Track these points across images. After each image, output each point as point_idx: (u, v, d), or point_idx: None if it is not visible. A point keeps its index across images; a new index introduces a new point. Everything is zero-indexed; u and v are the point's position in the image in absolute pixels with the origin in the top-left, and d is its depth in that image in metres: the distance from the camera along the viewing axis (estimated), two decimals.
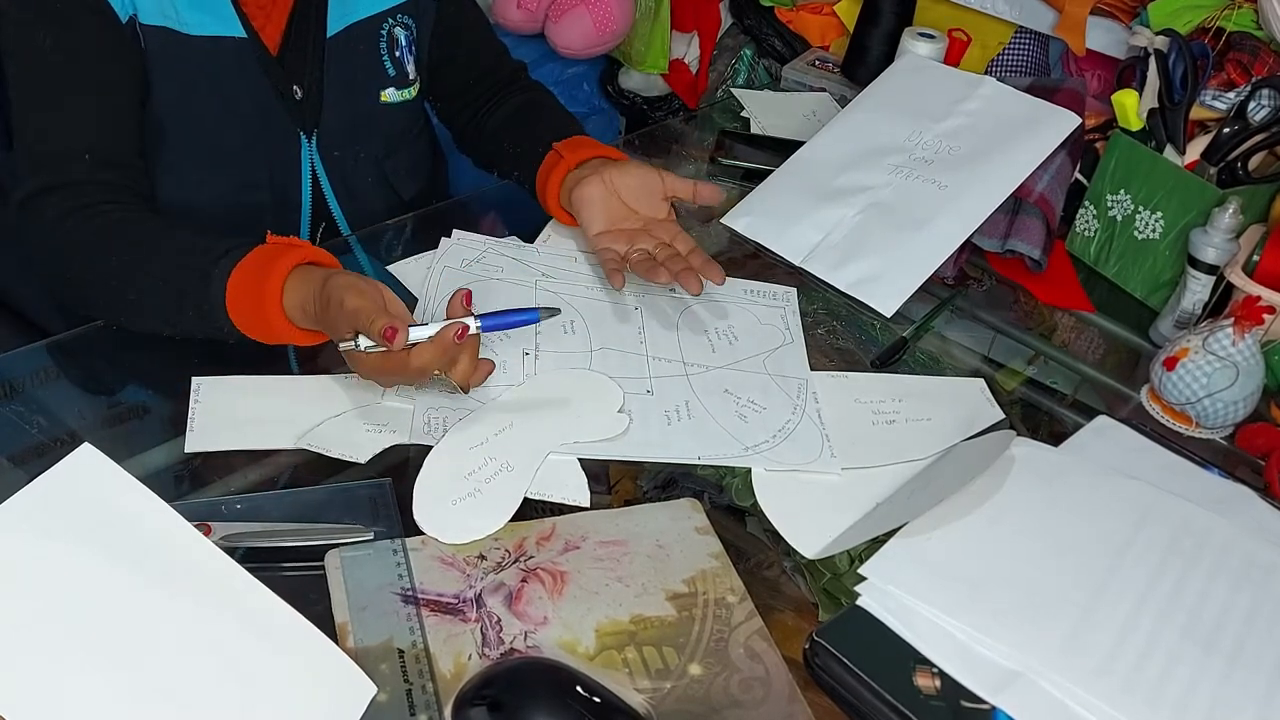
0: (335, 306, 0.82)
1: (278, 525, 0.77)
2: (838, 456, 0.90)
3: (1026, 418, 1.01)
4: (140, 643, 0.61)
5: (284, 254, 0.86)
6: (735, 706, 0.69)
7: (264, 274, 0.85)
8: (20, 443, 0.84)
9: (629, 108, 1.89)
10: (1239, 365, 0.93)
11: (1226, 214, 1.03)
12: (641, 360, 0.98)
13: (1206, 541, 0.79)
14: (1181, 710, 0.67)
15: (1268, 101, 1.09)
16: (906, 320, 1.09)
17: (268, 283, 0.85)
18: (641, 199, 1.06)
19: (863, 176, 1.19)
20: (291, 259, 0.86)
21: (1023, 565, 0.75)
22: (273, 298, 0.85)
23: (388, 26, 1.12)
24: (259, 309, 0.85)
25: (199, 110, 1.03)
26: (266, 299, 0.85)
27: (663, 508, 0.83)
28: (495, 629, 0.72)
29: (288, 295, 0.85)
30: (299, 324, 0.86)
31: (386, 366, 0.83)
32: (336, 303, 0.82)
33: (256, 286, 0.85)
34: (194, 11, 1.00)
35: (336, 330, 0.83)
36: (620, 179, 1.05)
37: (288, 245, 0.88)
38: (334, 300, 0.82)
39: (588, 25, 1.71)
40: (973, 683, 0.68)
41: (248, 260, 0.87)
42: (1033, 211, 1.14)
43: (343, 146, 1.13)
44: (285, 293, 0.85)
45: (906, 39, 1.38)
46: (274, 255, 0.86)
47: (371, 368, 0.84)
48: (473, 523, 0.79)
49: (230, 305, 0.86)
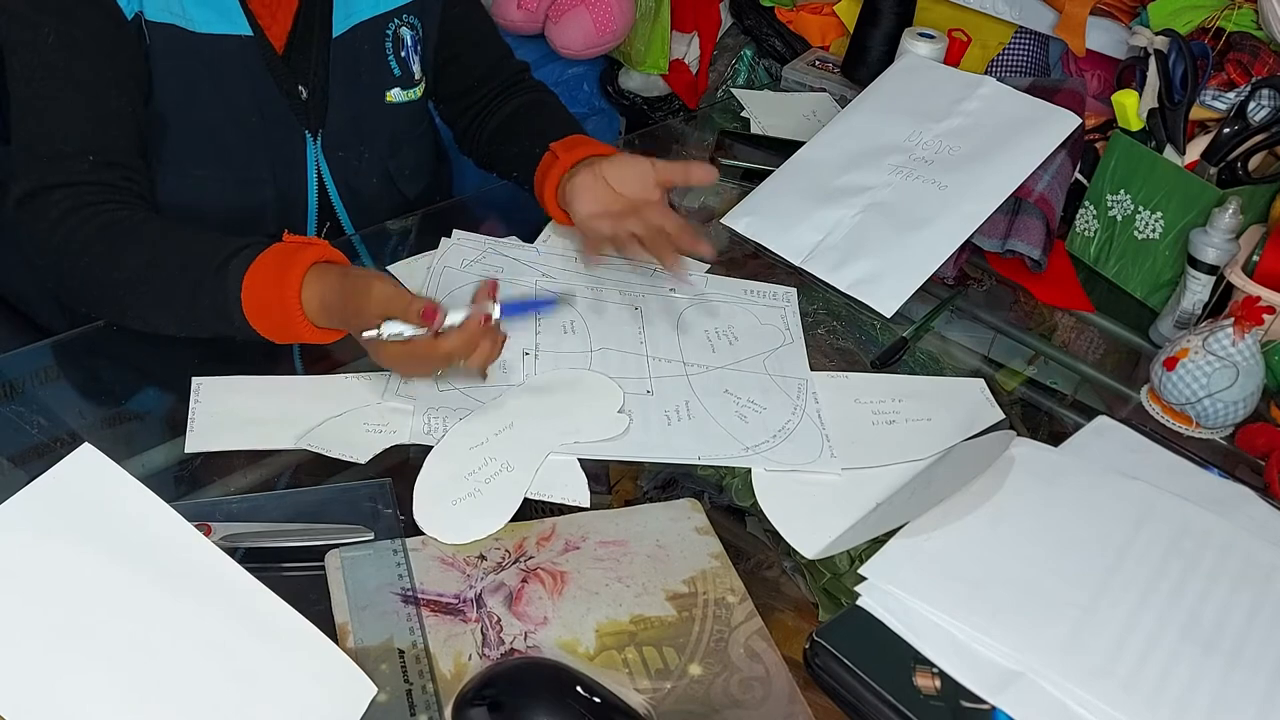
0: (361, 295, 0.83)
1: (278, 525, 0.77)
2: (838, 456, 0.90)
3: (1026, 418, 1.01)
4: (140, 643, 0.61)
5: (304, 250, 0.88)
6: (735, 706, 0.69)
7: (284, 267, 0.86)
8: (20, 443, 0.84)
9: (629, 108, 1.88)
10: (1239, 365, 0.93)
11: (1226, 214, 1.03)
12: (641, 360, 0.98)
13: (1206, 542, 0.79)
14: (1181, 710, 0.67)
15: (1268, 101, 1.09)
16: (906, 320, 1.09)
17: (288, 275, 0.86)
18: (630, 184, 1.05)
19: (863, 177, 1.19)
20: (311, 255, 0.87)
21: (1023, 565, 0.75)
22: (292, 290, 0.85)
23: (393, 26, 1.12)
24: (278, 301, 0.86)
25: (203, 108, 1.03)
26: (286, 291, 0.85)
27: (663, 508, 0.83)
28: (495, 629, 0.72)
29: (307, 288, 0.86)
30: (315, 319, 0.87)
31: (412, 353, 0.84)
32: (363, 290, 0.83)
33: (276, 279, 0.86)
34: (200, 9, 0.99)
35: (361, 318, 0.84)
36: (609, 168, 1.05)
37: (307, 243, 0.89)
38: (359, 289, 0.83)
39: (588, 25, 1.71)
40: (973, 683, 0.68)
41: (266, 255, 0.88)
42: (1033, 211, 1.15)
43: (347, 146, 1.13)
44: (305, 286, 0.86)
45: (906, 39, 1.38)
46: (294, 250, 0.88)
47: (394, 356, 0.84)
48: (473, 523, 0.79)
49: (246, 298, 0.87)
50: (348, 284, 0.85)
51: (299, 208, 1.12)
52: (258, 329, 0.88)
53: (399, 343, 0.83)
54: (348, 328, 0.87)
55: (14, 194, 0.95)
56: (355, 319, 0.85)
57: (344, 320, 0.86)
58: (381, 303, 0.82)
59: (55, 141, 0.94)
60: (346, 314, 0.85)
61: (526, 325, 0.99)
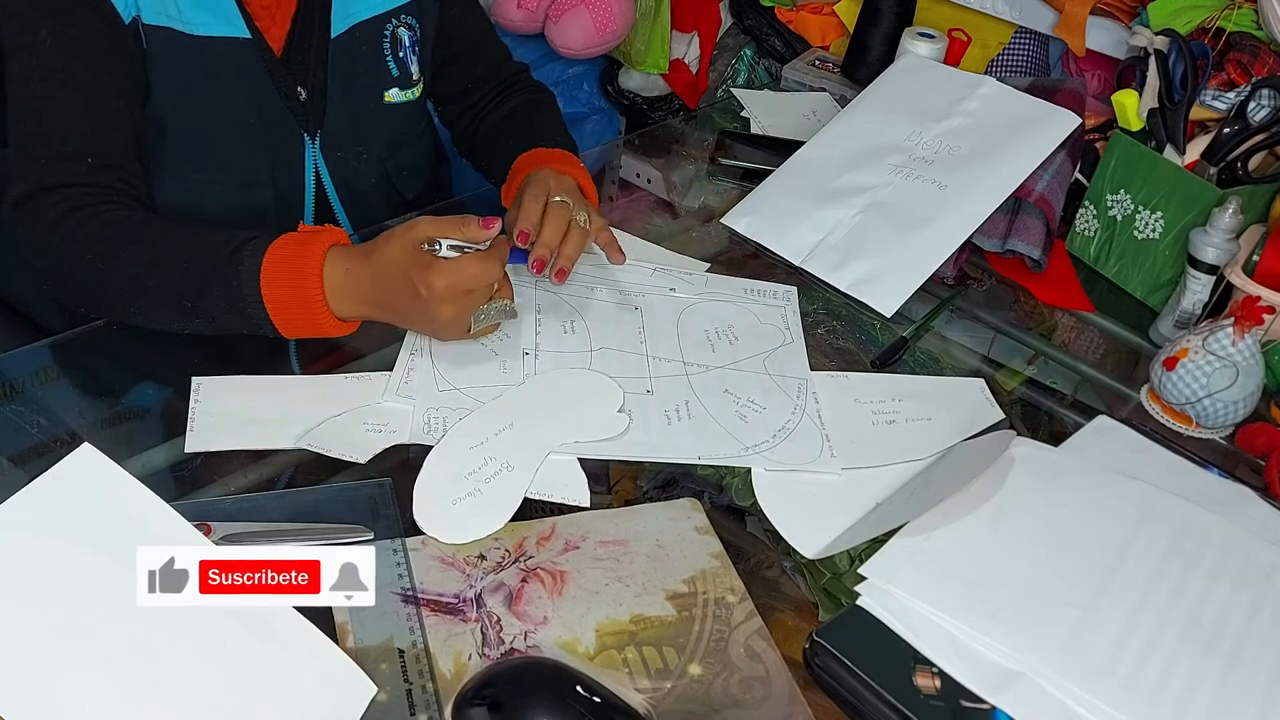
0: (401, 232, 0.87)
1: (277, 525, 0.77)
2: (838, 456, 0.90)
3: (1026, 418, 1.01)
4: (140, 643, 0.61)
5: (321, 233, 0.90)
6: (735, 706, 0.69)
7: (303, 246, 0.88)
8: (20, 443, 0.84)
9: (629, 108, 1.88)
10: (1239, 365, 0.93)
11: (1226, 214, 1.03)
12: (641, 360, 0.98)
13: (1206, 542, 0.79)
14: (1181, 710, 0.67)
15: (1268, 101, 1.09)
16: (906, 320, 1.09)
17: (308, 253, 0.88)
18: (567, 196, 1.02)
19: (863, 176, 1.19)
20: (330, 237, 0.89)
21: (1023, 565, 0.75)
22: (313, 268, 0.87)
23: (391, 27, 1.12)
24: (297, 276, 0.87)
25: (201, 111, 1.03)
26: (306, 269, 0.87)
27: (663, 508, 0.83)
28: (495, 629, 0.72)
29: (329, 262, 0.88)
30: (336, 299, 0.88)
31: (467, 268, 0.87)
32: (403, 230, 0.87)
33: (296, 258, 0.88)
34: (197, 12, 1.00)
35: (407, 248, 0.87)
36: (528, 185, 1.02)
37: (322, 229, 0.91)
38: (397, 232, 0.87)
39: (588, 25, 1.71)
40: (973, 683, 0.68)
41: (283, 238, 0.89)
42: (1033, 211, 1.15)
43: (346, 147, 1.13)
44: (327, 260, 0.88)
45: (906, 39, 1.38)
46: (311, 234, 0.90)
47: (450, 275, 0.86)
48: (473, 523, 0.79)
49: (265, 280, 0.87)
50: (375, 242, 0.88)
51: (297, 209, 1.12)
52: (272, 314, 0.88)
53: (456, 261, 0.86)
54: (377, 290, 0.88)
55: (11, 195, 0.95)
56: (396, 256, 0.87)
57: (373, 278, 0.88)
58: (431, 225, 0.87)
59: (53, 143, 0.94)
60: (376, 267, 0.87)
61: (527, 325, 0.99)
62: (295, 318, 0.88)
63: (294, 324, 0.89)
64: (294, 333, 0.90)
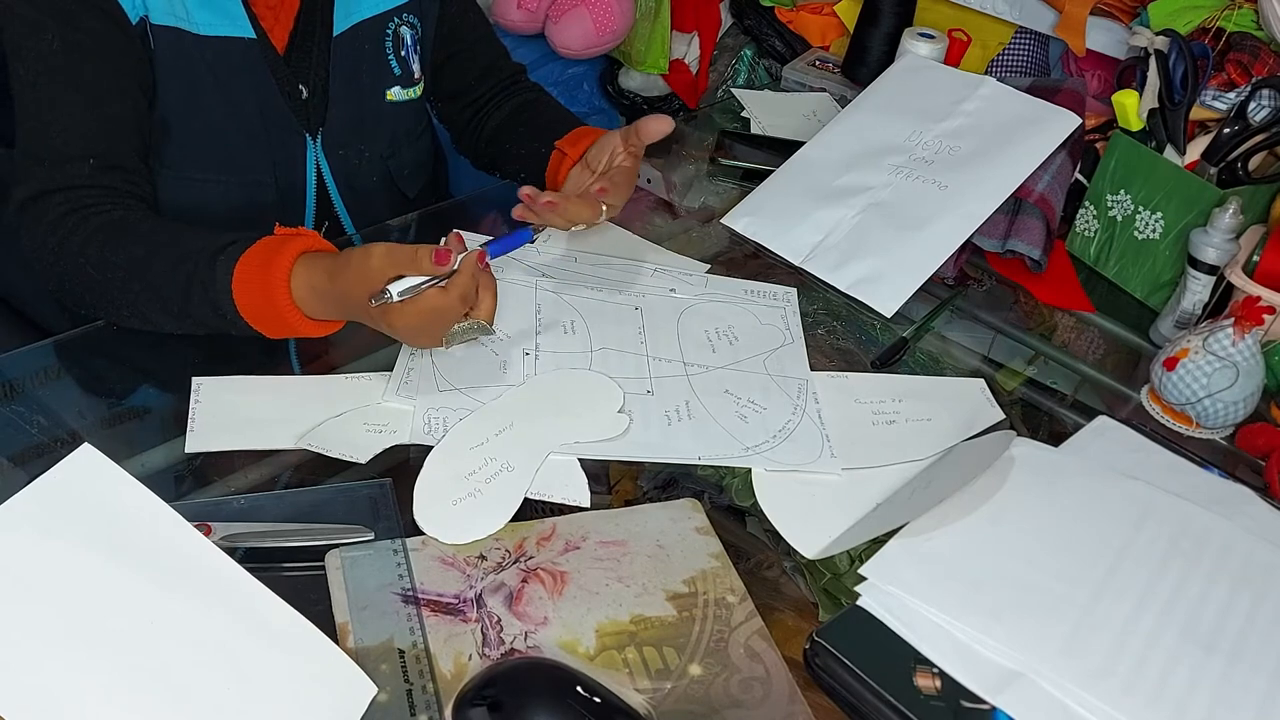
0: (357, 265, 0.84)
1: (278, 525, 0.77)
2: (838, 457, 0.90)
3: (1026, 418, 1.01)
4: (140, 643, 0.61)
5: (291, 240, 0.88)
6: (735, 706, 0.69)
7: (271, 255, 0.87)
8: (20, 443, 0.84)
9: (629, 108, 1.89)
10: (1239, 365, 0.93)
11: (1226, 214, 1.03)
12: (641, 360, 0.98)
13: (1206, 541, 0.79)
14: (1181, 711, 0.67)
15: (1268, 102, 1.09)
16: (906, 320, 1.09)
17: (275, 263, 0.86)
18: (602, 160, 1.09)
19: (863, 177, 1.19)
20: (299, 245, 0.88)
21: (1023, 565, 0.75)
22: (280, 278, 0.86)
23: (393, 25, 1.13)
24: (265, 291, 0.86)
25: (205, 110, 1.03)
26: (273, 280, 0.86)
27: (663, 508, 0.83)
28: (495, 629, 0.72)
29: (295, 276, 0.86)
30: (306, 308, 0.87)
31: (426, 308, 0.84)
32: (360, 260, 0.84)
33: (262, 268, 0.86)
34: (205, 12, 1.00)
35: (362, 287, 0.84)
36: (590, 151, 1.09)
37: (294, 234, 0.89)
38: (354, 262, 0.84)
39: (588, 25, 1.71)
40: (973, 683, 0.68)
41: (255, 246, 0.88)
42: (1033, 211, 1.15)
43: (347, 145, 1.13)
44: (293, 274, 0.86)
45: (906, 39, 1.38)
46: (281, 241, 0.88)
47: (408, 317, 0.84)
48: (473, 523, 0.79)
49: (236, 289, 0.87)
50: (338, 262, 0.85)
51: (299, 207, 1.12)
52: (249, 321, 0.88)
53: (412, 300, 0.83)
54: (345, 311, 0.87)
55: (17, 198, 0.95)
56: (355, 291, 0.84)
57: (339, 302, 0.86)
58: (386, 261, 0.83)
59: (57, 145, 0.94)
60: (339, 294, 0.85)
61: (527, 325, 0.99)
62: (274, 326, 0.89)
63: (274, 330, 0.89)
64: (278, 335, 0.90)
